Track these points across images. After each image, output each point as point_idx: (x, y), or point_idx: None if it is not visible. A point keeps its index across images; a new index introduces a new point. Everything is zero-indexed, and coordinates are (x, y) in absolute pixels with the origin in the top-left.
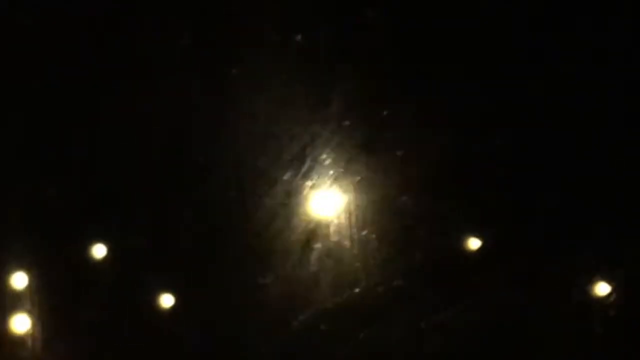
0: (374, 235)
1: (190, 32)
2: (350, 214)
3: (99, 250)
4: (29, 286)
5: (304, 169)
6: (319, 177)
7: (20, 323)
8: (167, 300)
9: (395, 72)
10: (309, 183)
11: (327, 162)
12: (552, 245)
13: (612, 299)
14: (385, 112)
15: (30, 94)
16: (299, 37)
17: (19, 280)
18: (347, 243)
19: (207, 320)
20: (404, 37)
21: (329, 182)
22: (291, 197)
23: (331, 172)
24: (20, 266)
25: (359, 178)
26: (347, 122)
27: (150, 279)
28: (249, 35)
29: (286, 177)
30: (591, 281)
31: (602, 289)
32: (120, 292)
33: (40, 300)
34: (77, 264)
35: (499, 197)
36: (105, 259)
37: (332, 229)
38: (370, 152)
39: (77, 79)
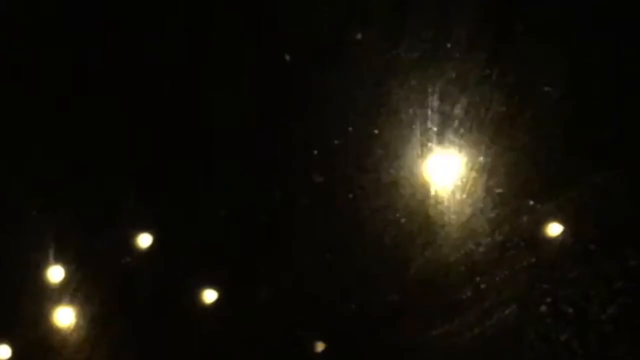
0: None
1: None
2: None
3: (144, 240)
4: (75, 279)
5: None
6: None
7: (64, 316)
8: (210, 296)
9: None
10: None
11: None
12: None
13: None
14: None
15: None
16: None
17: (56, 273)
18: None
19: (249, 317)
20: None
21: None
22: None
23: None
24: (65, 258)
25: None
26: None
27: (195, 272)
28: None
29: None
30: None
31: None
32: (164, 284)
33: (84, 292)
34: (122, 253)
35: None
36: (150, 248)
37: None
38: None
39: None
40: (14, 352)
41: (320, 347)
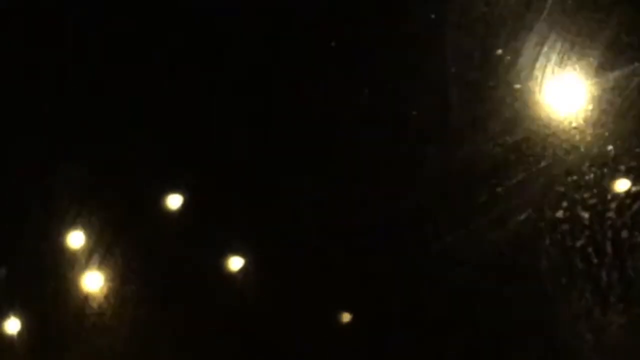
0: None
1: None
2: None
3: (174, 201)
4: (103, 242)
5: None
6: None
7: (91, 280)
8: (235, 263)
9: None
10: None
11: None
12: None
13: None
14: None
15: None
16: None
17: (76, 238)
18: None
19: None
20: None
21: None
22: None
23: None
24: (90, 222)
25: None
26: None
27: (222, 237)
28: None
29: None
30: None
31: None
32: (191, 248)
33: (113, 254)
34: (152, 215)
35: None
36: (180, 209)
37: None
38: None
39: None
40: (24, 324)
41: (346, 317)
